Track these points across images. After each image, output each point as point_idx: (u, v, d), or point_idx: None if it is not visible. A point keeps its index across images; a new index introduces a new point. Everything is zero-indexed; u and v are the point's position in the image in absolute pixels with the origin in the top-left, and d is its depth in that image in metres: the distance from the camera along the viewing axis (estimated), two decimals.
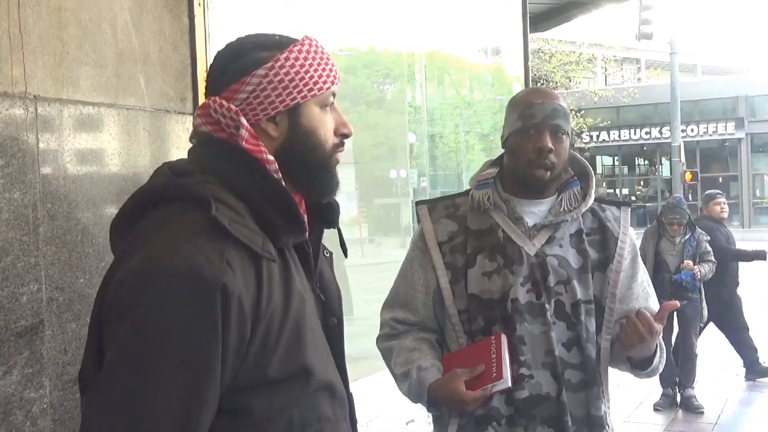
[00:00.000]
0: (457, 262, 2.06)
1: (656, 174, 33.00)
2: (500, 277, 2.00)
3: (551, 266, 2.01)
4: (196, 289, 1.12)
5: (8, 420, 1.94)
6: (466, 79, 10.16)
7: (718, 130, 30.17)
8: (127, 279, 1.16)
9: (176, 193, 1.24)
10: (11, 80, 1.99)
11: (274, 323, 1.21)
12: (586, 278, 2.02)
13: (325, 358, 1.34)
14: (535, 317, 1.98)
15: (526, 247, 2.03)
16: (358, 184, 8.90)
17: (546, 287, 1.99)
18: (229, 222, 1.18)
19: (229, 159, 1.28)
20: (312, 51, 1.33)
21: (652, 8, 17.84)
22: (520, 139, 2.02)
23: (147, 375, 1.11)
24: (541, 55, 25.11)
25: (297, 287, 1.28)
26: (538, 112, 2.00)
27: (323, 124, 1.34)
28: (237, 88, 1.29)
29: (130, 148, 2.35)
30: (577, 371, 2.00)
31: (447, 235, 2.10)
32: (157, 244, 1.17)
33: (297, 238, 1.30)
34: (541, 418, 1.97)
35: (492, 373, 1.91)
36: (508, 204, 2.07)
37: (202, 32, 2.61)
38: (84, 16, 2.20)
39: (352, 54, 8.91)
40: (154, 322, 1.12)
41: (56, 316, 2.07)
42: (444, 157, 10.56)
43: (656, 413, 6.36)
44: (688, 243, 6.30)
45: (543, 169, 2.01)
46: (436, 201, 2.19)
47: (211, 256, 1.14)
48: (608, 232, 2.08)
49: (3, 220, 1.95)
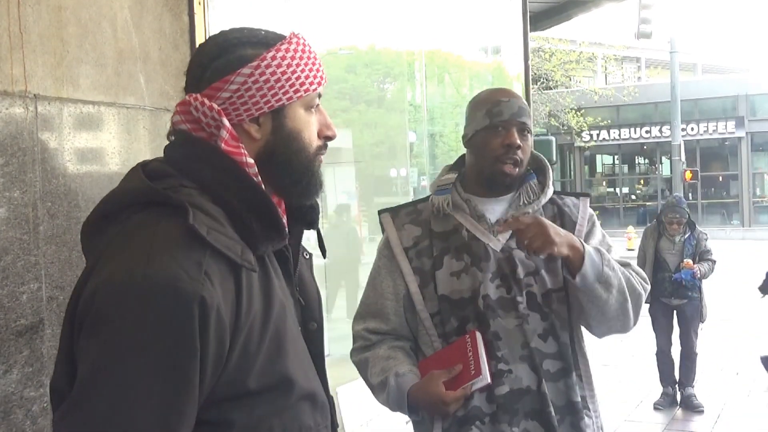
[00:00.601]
0: (425, 266, 2.07)
1: (656, 173, 32.96)
2: (469, 276, 2.02)
3: (518, 259, 2.02)
4: (172, 303, 1.07)
5: (8, 419, 1.94)
6: (467, 77, 10.15)
7: (718, 129, 30.15)
8: (100, 290, 1.11)
9: (152, 198, 1.18)
10: (11, 79, 1.99)
11: (254, 333, 1.17)
12: (554, 266, 2.04)
13: (306, 366, 1.30)
14: (508, 311, 1.99)
15: (491, 243, 2.05)
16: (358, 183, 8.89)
17: (516, 280, 2.01)
18: (207, 231, 1.12)
19: (207, 161, 1.22)
20: (299, 50, 1.27)
21: (652, 7, 17.82)
22: (488, 136, 2.05)
23: (121, 394, 1.06)
24: (542, 54, 25.11)
25: (277, 294, 1.24)
26: (505, 109, 2.03)
27: (308, 126, 1.29)
28: (220, 86, 1.23)
29: (130, 147, 2.35)
30: (555, 360, 2.01)
31: (412, 240, 2.11)
32: (132, 253, 1.11)
33: (276, 244, 1.25)
34: (524, 412, 1.98)
35: (470, 371, 1.90)
36: (469, 203, 2.10)
37: (203, 31, 2.61)
38: (84, 14, 2.20)
39: (352, 53, 8.90)
40: (127, 339, 1.07)
41: (56, 315, 2.06)
42: (444, 156, 10.55)
43: (656, 412, 6.36)
44: (687, 242, 6.30)
45: (511, 165, 2.03)
46: (398, 208, 2.20)
47: (189, 267, 1.09)
48: (566, 217, 2.11)
49: (3, 218, 1.95)
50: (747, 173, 30.47)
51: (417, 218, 2.14)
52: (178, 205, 1.14)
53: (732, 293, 12.48)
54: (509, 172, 2.04)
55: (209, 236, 1.12)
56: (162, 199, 1.17)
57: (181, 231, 1.12)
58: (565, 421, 2.00)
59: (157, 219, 1.15)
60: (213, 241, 1.12)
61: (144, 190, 1.20)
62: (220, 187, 1.20)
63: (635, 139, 31.14)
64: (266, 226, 1.22)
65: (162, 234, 1.13)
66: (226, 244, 1.14)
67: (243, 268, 1.16)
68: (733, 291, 12.73)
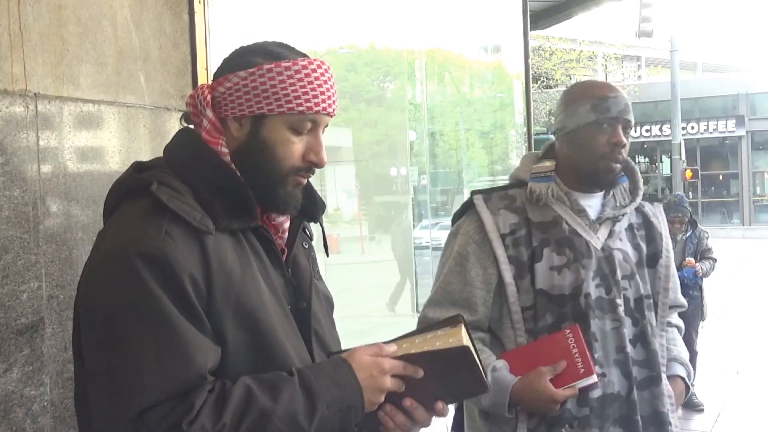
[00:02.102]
0: (522, 256, 1.96)
1: (656, 172, 32.97)
2: (571, 272, 1.93)
3: (617, 260, 1.96)
4: (138, 264, 1.21)
5: (8, 418, 1.94)
6: (467, 76, 10.16)
7: (718, 128, 30.16)
8: (84, 276, 1.31)
9: (133, 186, 1.34)
10: (11, 78, 1.99)
11: (232, 289, 1.28)
12: (642, 273, 2.00)
13: (294, 340, 1.38)
14: (606, 313, 1.93)
15: (592, 240, 1.97)
16: (359, 182, 8.90)
17: (615, 281, 1.94)
18: (168, 198, 1.27)
19: (184, 148, 1.38)
20: (304, 73, 1.36)
21: (652, 6, 17.80)
22: (593, 132, 1.95)
23: (122, 357, 1.20)
24: (542, 53, 25.11)
25: (252, 267, 1.33)
26: (612, 105, 1.95)
27: (285, 144, 1.37)
28: (221, 82, 1.37)
29: (131, 145, 2.35)
30: (643, 368, 1.96)
31: (509, 227, 1.99)
32: (109, 235, 1.30)
33: (244, 223, 1.34)
34: (614, 418, 1.92)
35: (578, 369, 1.83)
36: (569, 196, 2.00)
37: (203, 30, 2.60)
38: (84, 13, 2.20)
39: (353, 52, 8.90)
40: (108, 310, 1.22)
41: (56, 314, 2.06)
42: (444, 155, 10.56)
43: None
44: (689, 240, 6.31)
45: (615, 163, 1.96)
46: (490, 191, 2.08)
47: (151, 231, 1.24)
48: (653, 228, 2.06)
49: (3, 217, 1.95)
50: (747, 172, 30.48)
51: (511, 204, 2.02)
52: (147, 182, 1.29)
53: (732, 292, 12.48)
54: (613, 170, 1.97)
55: (169, 202, 1.26)
56: (139, 184, 1.32)
57: (148, 204, 1.28)
58: (649, 430, 1.95)
59: (135, 201, 1.31)
60: (173, 207, 1.26)
61: (127, 179, 1.37)
62: (187, 170, 1.35)
63: (635, 137, 31.13)
64: (230, 203, 1.33)
65: (133, 211, 1.29)
66: (185, 210, 1.27)
67: (205, 234, 1.27)
68: (734, 290, 12.73)
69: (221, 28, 2.75)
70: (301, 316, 1.44)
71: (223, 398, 1.21)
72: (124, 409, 1.18)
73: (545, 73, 25.89)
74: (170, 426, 1.17)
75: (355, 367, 1.31)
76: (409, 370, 1.33)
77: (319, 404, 1.25)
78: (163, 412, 1.17)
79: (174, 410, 1.18)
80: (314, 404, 1.25)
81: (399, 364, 1.33)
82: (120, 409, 1.19)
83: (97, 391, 1.24)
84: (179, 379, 1.19)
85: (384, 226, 10.26)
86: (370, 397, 1.31)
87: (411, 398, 1.36)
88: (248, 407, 1.21)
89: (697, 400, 6.33)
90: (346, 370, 1.30)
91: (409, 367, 1.33)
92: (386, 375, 1.31)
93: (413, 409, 1.37)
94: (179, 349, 1.20)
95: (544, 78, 26.09)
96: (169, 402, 1.18)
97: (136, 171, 1.37)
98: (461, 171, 10.95)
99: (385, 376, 1.31)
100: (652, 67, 42.52)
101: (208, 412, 1.19)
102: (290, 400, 1.24)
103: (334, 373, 1.30)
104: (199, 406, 1.18)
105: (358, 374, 1.30)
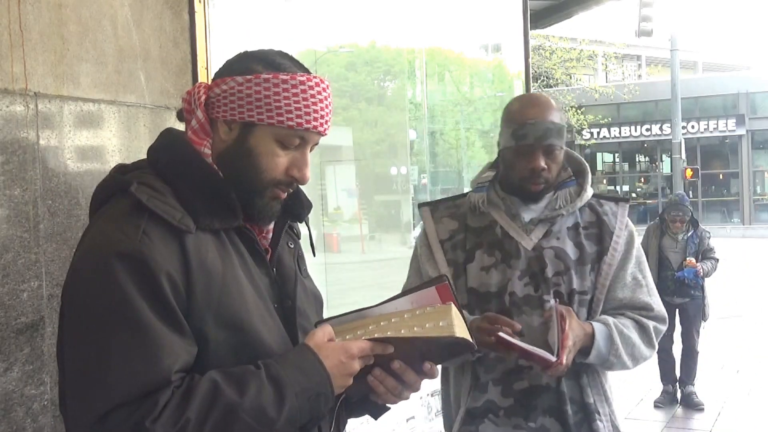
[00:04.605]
0: (458, 258, 2.13)
1: (657, 171, 32.97)
2: (498, 272, 2.07)
3: (548, 258, 2.06)
4: (116, 265, 1.21)
5: (9, 417, 1.94)
6: (467, 75, 10.15)
7: (718, 127, 30.15)
8: (66, 279, 1.33)
9: (115, 187, 1.36)
10: (11, 77, 1.99)
11: (213, 288, 1.28)
12: (583, 270, 2.07)
13: (278, 337, 1.38)
14: (534, 309, 2.03)
15: (523, 241, 2.09)
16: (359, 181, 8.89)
17: (544, 279, 2.04)
18: (147, 198, 1.28)
19: (167, 149, 1.39)
20: (300, 87, 1.35)
21: (652, 5, 17.80)
22: (514, 157, 2.08)
23: (94, 357, 1.22)
24: (542, 52, 25.12)
25: (234, 266, 1.34)
26: (530, 132, 2.02)
27: (270, 156, 1.37)
28: (218, 83, 1.38)
29: (131, 145, 2.35)
30: None
31: (448, 233, 2.17)
32: (89, 236, 1.32)
33: (226, 222, 1.35)
34: (542, 408, 2.02)
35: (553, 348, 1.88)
36: (505, 202, 2.14)
37: (203, 29, 2.60)
38: (84, 12, 2.20)
39: (353, 50, 8.89)
40: (80, 308, 1.25)
41: (57, 313, 2.06)
42: (444, 154, 10.56)
43: (656, 410, 6.37)
44: (690, 240, 6.30)
45: (536, 185, 2.07)
46: (437, 203, 2.28)
47: (128, 230, 1.25)
48: (605, 226, 2.13)
49: (3, 217, 1.95)
50: (747, 171, 30.48)
51: (455, 212, 2.21)
52: (128, 183, 1.31)
53: (733, 291, 12.48)
54: (534, 190, 2.08)
55: (148, 202, 1.27)
56: (120, 185, 1.33)
57: (128, 205, 1.29)
58: (579, 419, 2.04)
59: (117, 202, 1.32)
60: (152, 206, 1.27)
61: (109, 181, 1.39)
62: (169, 170, 1.35)
63: (636, 137, 31.15)
64: (211, 203, 1.33)
65: (113, 212, 1.31)
66: (164, 209, 1.28)
67: (185, 234, 1.28)
68: (734, 289, 12.74)
69: (221, 27, 2.75)
70: (287, 313, 1.46)
71: (189, 394, 1.22)
72: (90, 409, 1.20)
73: (545, 72, 25.89)
74: (133, 425, 1.18)
75: (322, 355, 1.32)
76: (378, 350, 1.35)
77: (288, 394, 1.26)
78: (127, 413, 1.19)
79: (138, 410, 1.19)
80: (282, 395, 1.26)
81: (367, 345, 1.34)
82: (85, 409, 1.20)
83: (69, 392, 1.27)
84: (144, 381, 1.20)
85: (384, 225, 10.26)
86: (338, 383, 1.33)
87: (399, 360, 1.38)
88: (214, 402, 1.22)
89: (697, 399, 6.33)
90: (312, 358, 1.31)
91: (377, 346, 1.35)
92: (354, 359, 1.33)
93: (402, 371, 1.39)
94: (147, 351, 1.21)
95: (545, 77, 26.09)
96: (134, 403, 1.19)
97: (119, 173, 1.39)
98: (461, 170, 10.94)
99: (353, 361, 1.33)
100: (653, 66, 42.55)
101: (172, 409, 1.20)
102: (257, 392, 1.24)
103: (301, 363, 1.30)
104: (164, 404, 1.20)
105: (325, 361, 1.31)
